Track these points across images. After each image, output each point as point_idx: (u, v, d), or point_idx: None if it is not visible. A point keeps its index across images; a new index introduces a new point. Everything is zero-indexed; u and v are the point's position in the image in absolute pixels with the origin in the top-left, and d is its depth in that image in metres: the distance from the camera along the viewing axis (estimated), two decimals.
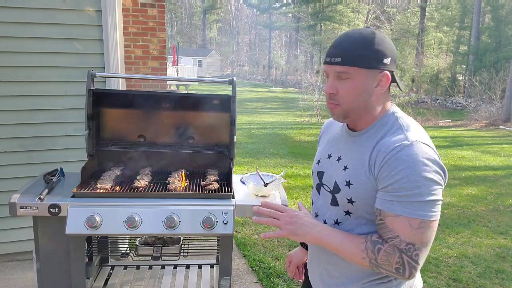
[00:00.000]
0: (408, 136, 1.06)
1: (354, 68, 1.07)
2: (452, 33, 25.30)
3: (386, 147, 1.06)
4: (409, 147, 1.02)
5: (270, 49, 49.05)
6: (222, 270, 1.94)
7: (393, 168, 1.02)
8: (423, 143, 1.04)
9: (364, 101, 1.11)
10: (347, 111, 1.13)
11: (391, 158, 1.03)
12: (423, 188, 1.00)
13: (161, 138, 2.27)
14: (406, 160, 1.01)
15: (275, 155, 7.70)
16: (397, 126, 1.11)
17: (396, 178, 1.01)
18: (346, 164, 1.16)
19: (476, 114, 14.36)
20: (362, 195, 1.11)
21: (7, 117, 2.84)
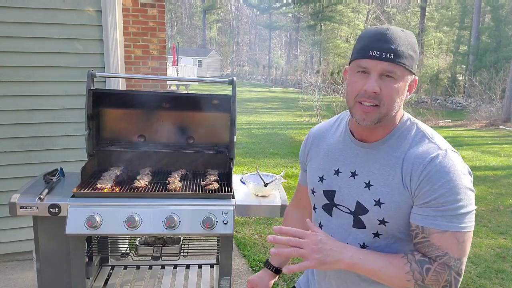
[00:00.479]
0: (439, 145, 1.00)
1: (403, 68, 0.99)
2: (452, 33, 25.31)
3: (420, 159, 0.98)
4: (446, 157, 0.97)
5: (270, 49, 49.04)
6: (222, 270, 1.94)
7: (436, 182, 0.96)
8: (453, 150, 1.01)
9: (399, 106, 1.03)
10: (384, 114, 1.01)
11: (432, 171, 0.96)
12: (466, 200, 0.96)
13: (161, 138, 2.27)
14: (448, 172, 0.96)
15: (275, 155, 7.70)
16: (420, 134, 1.04)
17: (440, 192, 0.95)
18: (368, 181, 1.06)
19: (476, 114, 14.35)
20: (396, 214, 1.02)
21: (7, 117, 2.84)
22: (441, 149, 0.99)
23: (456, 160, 0.98)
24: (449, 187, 0.95)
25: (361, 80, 1.00)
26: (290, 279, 3.04)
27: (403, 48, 0.98)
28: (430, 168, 0.97)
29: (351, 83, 1.02)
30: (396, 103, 1.01)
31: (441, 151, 0.98)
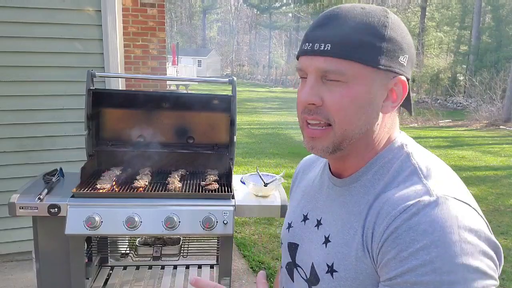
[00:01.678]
0: (430, 186, 0.62)
1: (353, 63, 0.64)
2: (453, 33, 25.31)
3: (391, 206, 0.62)
4: (432, 208, 0.58)
5: (270, 49, 49.05)
6: (222, 270, 1.93)
7: (406, 246, 0.58)
8: (458, 199, 0.60)
9: (367, 123, 0.67)
10: (339, 139, 0.67)
11: (401, 227, 0.59)
12: (461, 285, 0.55)
13: (161, 138, 2.26)
14: (429, 232, 0.57)
15: (275, 155, 7.69)
16: (410, 168, 0.66)
17: (410, 264, 0.57)
18: (328, 235, 0.72)
19: (476, 114, 14.35)
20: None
21: (7, 117, 2.84)
22: (430, 195, 0.60)
23: (452, 215, 0.58)
24: (428, 258, 0.56)
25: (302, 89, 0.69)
26: None
27: (352, 33, 0.63)
28: (399, 223, 0.59)
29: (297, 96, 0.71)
30: (357, 118, 0.66)
31: (427, 198, 0.60)
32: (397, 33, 0.66)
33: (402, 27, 0.68)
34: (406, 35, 0.68)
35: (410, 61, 0.68)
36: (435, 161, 0.69)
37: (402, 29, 0.68)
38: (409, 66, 0.69)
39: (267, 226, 4.07)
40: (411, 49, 0.69)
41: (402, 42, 0.67)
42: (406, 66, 0.68)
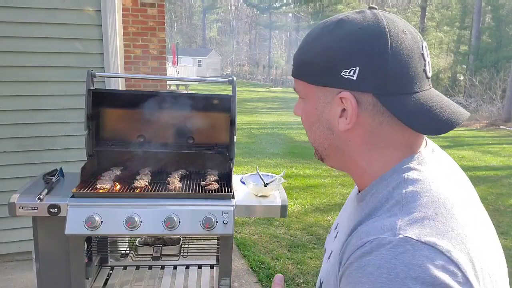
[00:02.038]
0: (399, 223, 0.55)
1: (301, 82, 0.68)
2: (453, 33, 25.31)
3: (357, 238, 0.58)
4: (387, 250, 0.52)
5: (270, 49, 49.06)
6: (222, 271, 1.93)
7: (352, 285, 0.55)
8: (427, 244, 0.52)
9: (324, 138, 0.69)
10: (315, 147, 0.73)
11: (353, 264, 0.55)
12: None
13: (161, 138, 2.26)
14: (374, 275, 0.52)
15: (275, 155, 7.70)
16: (397, 197, 0.59)
17: None
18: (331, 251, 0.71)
19: (476, 114, 14.35)
20: None
21: (7, 117, 2.84)
22: (393, 233, 0.53)
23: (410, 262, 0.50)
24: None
25: None
26: (290, 279, 3.04)
27: (304, 54, 0.66)
28: (353, 259, 0.56)
29: None
30: (312, 132, 0.70)
31: (387, 237, 0.53)
32: (340, 44, 0.61)
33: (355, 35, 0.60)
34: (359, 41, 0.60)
35: (369, 71, 0.59)
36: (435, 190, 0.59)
37: (354, 38, 0.60)
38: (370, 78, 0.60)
39: (267, 226, 4.07)
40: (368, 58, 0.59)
41: (347, 54, 0.60)
42: (360, 79, 0.60)
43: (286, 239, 3.78)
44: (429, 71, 0.64)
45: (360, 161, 0.67)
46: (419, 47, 0.63)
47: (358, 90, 0.61)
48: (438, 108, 0.61)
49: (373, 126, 0.63)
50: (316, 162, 7.18)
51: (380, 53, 0.59)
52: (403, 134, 0.64)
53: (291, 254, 3.47)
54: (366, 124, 0.63)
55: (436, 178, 0.61)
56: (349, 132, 0.64)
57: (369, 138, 0.64)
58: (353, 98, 0.61)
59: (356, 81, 0.60)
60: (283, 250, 3.56)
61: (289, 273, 3.13)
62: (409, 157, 0.64)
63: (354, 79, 0.60)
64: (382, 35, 0.60)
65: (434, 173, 0.62)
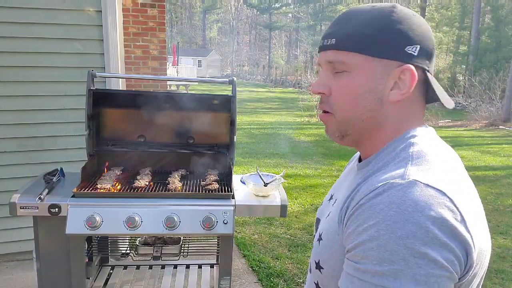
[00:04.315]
0: (408, 171, 0.63)
1: (354, 54, 0.69)
2: (452, 33, 25.32)
3: (367, 186, 0.66)
4: (397, 190, 0.60)
5: (270, 49, 49.06)
6: (222, 270, 1.94)
7: (363, 221, 0.61)
8: (432, 187, 0.60)
9: (368, 110, 0.71)
10: (343, 125, 0.74)
11: (365, 204, 0.62)
12: (401, 267, 0.55)
13: (161, 138, 2.27)
14: (384, 211, 0.58)
15: (275, 155, 7.70)
16: (404, 155, 0.68)
17: (361, 238, 0.60)
18: (330, 211, 0.79)
19: (476, 114, 14.36)
20: (330, 259, 0.71)
21: (7, 117, 2.84)
22: (402, 178, 0.61)
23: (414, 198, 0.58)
24: (375, 235, 0.58)
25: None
26: (290, 279, 3.04)
27: (355, 27, 0.69)
28: (364, 200, 0.62)
29: None
30: (357, 105, 0.71)
31: (397, 181, 0.61)
32: (403, 25, 0.69)
33: (412, 19, 0.70)
34: (417, 27, 0.70)
35: (424, 52, 0.70)
36: (435, 153, 0.68)
37: (412, 22, 0.70)
38: (424, 57, 0.71)
39: (267, 226, 4.08)
40: (425, 41, 0.70)
41: (409, 31, 0.69)
42: (418, 56, 0.70)
43: (286, 239, 3.79)
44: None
45: (387, 131, 0.73)
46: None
47: (417, 65, 0.70)
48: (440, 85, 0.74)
49: (413, 99, 0.72)
50: (316, 162, 7.20)
51: (432, 38, 0.72)
52: (421, 108, 0.75)
53: (291, 253, 3.48)
54: (412, 97, 0.72)
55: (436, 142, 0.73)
56: (395, 104, 0.71)
57: (405, 110, 0.72)
58: (415, 71, 0.69)
59: (416, 57, 0.69)
60: (283, 250, 3.57)
61: (289, 272, 3.14)
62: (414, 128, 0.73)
63: (415, 54, 0.69)
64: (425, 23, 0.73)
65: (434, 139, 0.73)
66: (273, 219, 4.21)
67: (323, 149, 8.27)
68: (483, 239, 0.64)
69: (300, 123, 12.63)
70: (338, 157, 7.54)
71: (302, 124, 12.28)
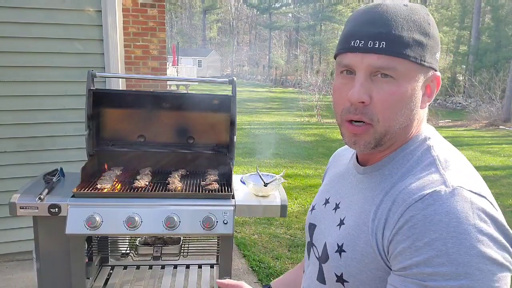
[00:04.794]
0: (447, 177, 0.62)
1: (404, 61, 0.65)
2: (452, 33, 25.31)
3: (406, 196, 0.62)
4: (448, 198, 0.59)
5: (270, 49, 49.06)
6: (222, 270, 1.94)
7: (421, 235, 0.58)
8: (475, 192, 0.61)
9: (407, 119, 0.69)
10: (382, 135, 0.69)
11: (417, 216, 0.59)
12: (477, 277, 0.55)
13: (161, 138, 2.27)
14: (444, 222, 0.57)
15: (275, 155, 7.70)
16: (429, 159, 0.67)
17: (426, 255, 0.57)
18: (343, 217, 0.75)
19: (476, 114, 14.36)
20: (358, 272, 0.68)
21: (7, 117, 2.84)
22: (446, 185, 0.60)
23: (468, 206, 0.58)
24: (443, 250, 0.56)
25: (346, 85, 0.69)
26: None
27: (403, 31, 0.65)
28: (415, 212, 0.60)
29: (335, 91, 0.72)
30: (401, 115, 0.67)
31: (443, 188, 0.60)
32: (435, 30, 0.69)
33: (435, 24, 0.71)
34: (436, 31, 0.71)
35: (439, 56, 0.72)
36: (455, 154, 0.70)
37: (436, 26, 0.71)
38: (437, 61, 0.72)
39: (267, 226, 4.08)
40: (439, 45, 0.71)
41: (438, 38, 0.70)
42: (437, 61, 0.71)
43: (286, 239, 3.79)
44: None
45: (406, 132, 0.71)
46: None
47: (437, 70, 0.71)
48: None
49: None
50: (316, 162, 7.20)
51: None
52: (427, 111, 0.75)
53: (291, 253, 3.47)
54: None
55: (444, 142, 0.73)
56: (421, 111, 0.71)
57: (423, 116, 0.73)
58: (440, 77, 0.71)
59: (437, 62, 0.71)
60: (283, 250, 3.56)
61: None
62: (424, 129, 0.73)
63: (438, 60, 0.71)
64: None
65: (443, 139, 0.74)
66: (273, 219, 4.21)
67: (323, 149, 8.27)
68: None
69: (300, 123, 12.63)
70: None
71: (302, 124, 12.28)
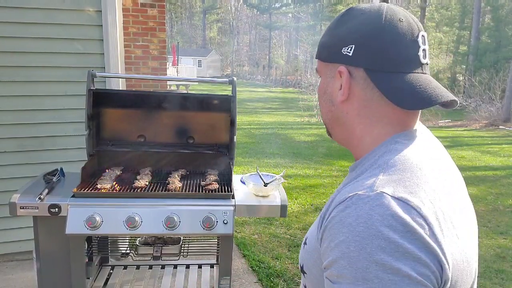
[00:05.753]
0: (377, 182, 0.61)
1: (318, 61, 0.79)
2: (452, 33, 25.33)
3: (340, 196, 0.64)
4: (364, 202, 0.58)
5: (270, 49, 49.07)
6: (222, 270, 1.94)
7: (333, 237, 0.60)
8: (398, 199, 0.58)
9: (328, 110, 0.77)
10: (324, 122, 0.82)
11: (335, 218, 0.61)
12: (375, 285, 0.54)
13: (161, 138, 2.27)
14: (353, 226, 0.57)
15: (275, 155, 7.70)
16: (380, 163, 0.66)
17: (334, 256, 0.59)
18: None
19: (476, 114, 14.37)
20: (312, 266, 0.71)
21: (7, 117, 2.84)
22: (371, 190, 0.60)
23: (380, 211, 0.57)
24: (346, 252, 0.57)
25: None
26: (290, 279, 3.04)
27: (321, 37, 0.79)
28: (335, 213, 0.62)
29: None
30: (322, 107, 0.79)
31: (365, 192, 0.60)
32: (344, 27, 0.72)
33: (356, 19, 0.71)
34: (358, 26, 0.70)
35: (363, 49, 0.68)
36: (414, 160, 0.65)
37: (355, 21, 0.70)
38: (366, 56, 0.68)
39: (267, 226, 4.08)
40: (365, 39, 0.68)
41: (348, 32, 0.70)
42: (355, 56, 0.69)
43: (286, 239, 3.79)
44: (424, 57, 0.70)
45: (356, 132, 0.74)
46: (414, 34, 0.69)
47: (352, 64, 0.70)
48: (422, 87, 0.67)
49: (366, 99, 0.71)
50: (316, 162, 7.20)
51: (373, 34, 0.68)
52: (394, 110, 0.70)
53: (291, 253, 3.48)
54: (359, 97, 0.71)
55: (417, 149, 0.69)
56: (346, 104, 0.73)
57: (363, 111, 0.72)
58: (347, 71, 0.70)
59: (352, 57, 0.70)
60: (283, 250, 3.57)
61: (289, 272, 3.14)
62: (399, 133, 0.70)
63: (350, 55, 0.70)
64: (378, 19, 0.68)
65: (416, 146, 0.69)
66: (273, 219, 4.21)
67: (323, 149, 8.27)
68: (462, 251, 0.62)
69: (300, 123, 12.63)
70: (338, 157, 7.53)
71: (302, 124, 12.27)
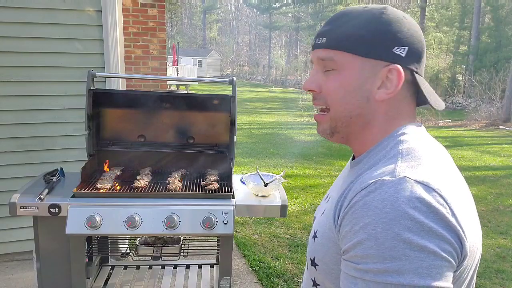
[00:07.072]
0: (398, 168, 0.65)
1: (343, 53, 0.72)
2: (452, 33, 25.32)
3: (359, 184, 0.66)
4: (389, 187, 0.61)
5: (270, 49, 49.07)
6: (222, 270, 1.94)
7: (358, 220, 0.62)
8: (421, 183, 0.61)
9: (357, 107, 0.74)
10: (334, 122, 0.76)
11: (359, 203, 0.63)
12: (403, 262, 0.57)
13: (161, 138, 2.27)
14: (379, 208, 0.60)
15: (275, 155, 7.70)
16: (395, 152, 0.69)
17: (359, 238, 0.61)
18: (324, 209, 0.80)
19: (476, 114, 14.36)
20: (324, 256, 0.73)
21: (7, 117, 2.84)
22: (393, 175, 0.63)
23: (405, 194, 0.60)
24: (372, 234, 0.59)
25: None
26: (290, 279, 3.04)
27: (344, 27, 0.72)
28: (358, 198, 0.64)
29: None
30: (346, 102, 0.74)
31: (388, 178, 0.63)
32: (392, 26, 0.72)
33: (402, 21, 0.73)
34: (407, 29, 0.73)
35: (413, 53, 0.73)
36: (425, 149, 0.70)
37: (402, 23, 0.72)
38: (413, 59, 0.73)
39: (267, 226, 4.08)
40: (414, 43, 0.73)
41: (398, 32, 0.72)
42: (406, 57, 0.72)
43: (286, 239, 3.79)
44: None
45: (375, 129, 0.75)
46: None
47: (403, 65, 0.72)
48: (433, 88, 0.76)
49: (399, 99, 0.74)
50: (316, 162, 7.20)
51: (421, 40, 0.74)
52: (411, 108, 0.76)
53: (291, 253, 3.48)
54: (398, 96, 0.73)
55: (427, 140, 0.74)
56: (382, 103, 0.74)
57: (391, 111, 0.74)
58: (402, 71, 0.71)
59: (404, 57, 0.72)
60: (283, 250, 3.56)
61: (289, 272, 3.14)
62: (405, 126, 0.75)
63: (403, 55, 0.72)
64: (419, 27, 0.75)
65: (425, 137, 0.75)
66: (273, 219, 4.21)
67: (323, 149, 8.27)
68: (474, 235, 0.65)
69: (300, 123, 12.63)
70: (338, 157, 7.53)
71: (302, 124, 12.27)
